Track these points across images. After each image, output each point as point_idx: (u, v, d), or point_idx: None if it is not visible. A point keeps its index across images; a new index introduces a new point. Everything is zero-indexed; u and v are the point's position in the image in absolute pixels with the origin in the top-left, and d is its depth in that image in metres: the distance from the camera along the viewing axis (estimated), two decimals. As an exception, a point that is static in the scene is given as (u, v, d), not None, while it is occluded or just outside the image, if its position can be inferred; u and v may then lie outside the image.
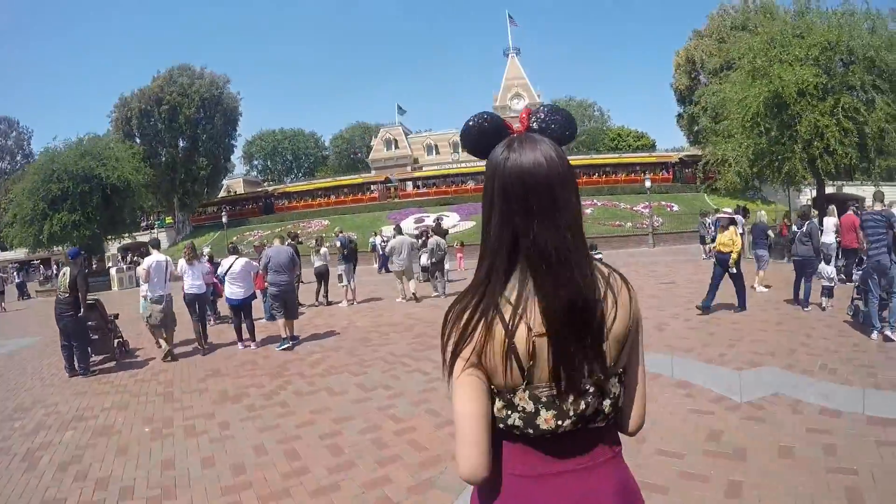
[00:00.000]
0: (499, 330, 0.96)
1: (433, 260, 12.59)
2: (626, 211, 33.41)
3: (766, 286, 10.33)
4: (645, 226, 29.41)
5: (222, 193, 55.97)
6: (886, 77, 13.66)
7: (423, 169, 52.35)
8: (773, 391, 4.58)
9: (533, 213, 0.96)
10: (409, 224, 31.91)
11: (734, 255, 8.22)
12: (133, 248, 38.17)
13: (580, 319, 0.96)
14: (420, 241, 14.68)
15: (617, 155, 46.55)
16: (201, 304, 8.41)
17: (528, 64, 56.26)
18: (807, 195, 28.25)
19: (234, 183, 63.33)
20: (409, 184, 46.52)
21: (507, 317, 0.96)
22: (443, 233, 15.28)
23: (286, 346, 7.76)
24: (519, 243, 0.98)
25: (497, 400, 1.00)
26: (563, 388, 0.97)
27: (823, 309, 8.18)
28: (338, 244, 12.62)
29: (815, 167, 14.73)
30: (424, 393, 5.28)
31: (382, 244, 18.48)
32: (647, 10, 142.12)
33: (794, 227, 9.11)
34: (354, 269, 12.29)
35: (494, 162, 1.01)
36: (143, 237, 44.42)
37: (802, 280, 8.56)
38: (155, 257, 7.82)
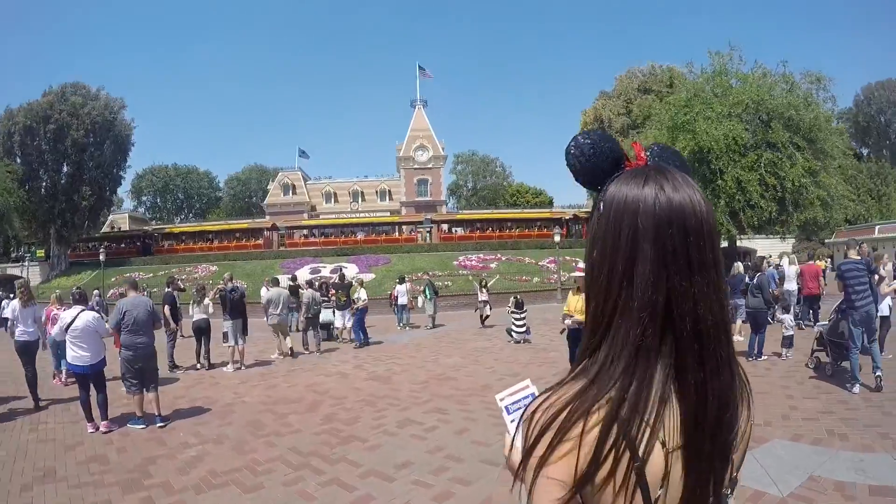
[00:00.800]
0: (625, 454, 0.70)
1: (308, 315, 12.31)
2: (532, 266, 34.50)
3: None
4: (552, 281, 30.06)
5: (105, 229, 52.30)
6: (803, 134, 14.93)
7: (321, 217, 51.79)
8: (807, 474, 4.20)
9: (695, 270, 0.73)
10: (304, 273, 30.06)
11: None
12: (2, 281, 33.57)
13: (726, 425, 0.75)
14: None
15: (518, 210, 48.66)
16: (33, 353, 8.02)
17: (433, 116, 57.90)
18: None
19: (120, 218, 60.56)
20: (303, 232, 45.15)
21: (634, 432, 0.70)
22: (346, 285, 14.10)
23: (140, 425, 6.56)
24: (673, 312, 0.72)
25: None
26: None
27: (785, 358, 8.47)
28: (219, 296, 10.88)
29: (737, 220, 15.55)
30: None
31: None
32: (555, 70, 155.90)
33: (747, 279, 9.16)
34: (244, 325, 10.49)
35: (635, 196, 0.76)
36: (14, 269, 38.91)
37: (755, 332, 8.66)
38: None
